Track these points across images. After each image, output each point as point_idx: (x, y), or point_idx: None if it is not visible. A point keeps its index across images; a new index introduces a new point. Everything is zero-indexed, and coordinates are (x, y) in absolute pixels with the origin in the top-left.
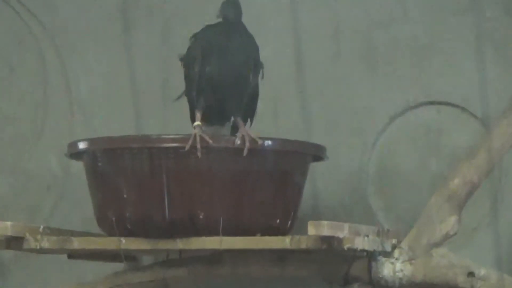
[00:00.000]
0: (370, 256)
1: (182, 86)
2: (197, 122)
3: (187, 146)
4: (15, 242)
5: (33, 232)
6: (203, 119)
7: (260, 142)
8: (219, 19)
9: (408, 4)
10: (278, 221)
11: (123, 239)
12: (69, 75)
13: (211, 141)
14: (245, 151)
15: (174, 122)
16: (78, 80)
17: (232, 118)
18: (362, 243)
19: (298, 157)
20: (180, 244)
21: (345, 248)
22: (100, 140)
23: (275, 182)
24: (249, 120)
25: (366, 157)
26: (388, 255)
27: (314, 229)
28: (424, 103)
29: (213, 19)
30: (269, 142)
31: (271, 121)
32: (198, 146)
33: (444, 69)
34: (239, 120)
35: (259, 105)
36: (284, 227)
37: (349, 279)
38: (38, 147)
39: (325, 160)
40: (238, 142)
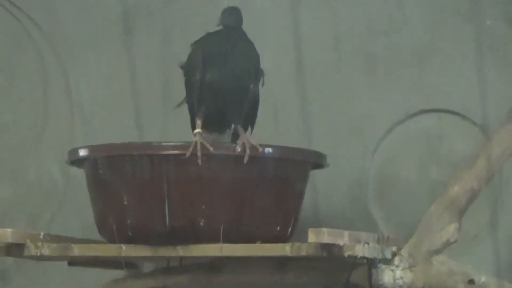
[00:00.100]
0: (370, 264)
1: (183, 92)
2: (198, 130)
3: (188, 154)
4: (16, 249)
5: (34, 239)
6: (204, 127)
7: (261, 150)
8: (220, 27)
9: (408, 12)
10: (279, 229)
11: (124, 246)
12: (69, 81)
13: (212, 149)
14: (246, 159)
15: (175, 128)
16: (78, 86)
17: (233, 126)
18: (362, 251)
19: (299, 165)
20: (181, 251)
21: (345, 256)
22: (101, 147)
23: (276, 190)
24: (250, 128)
25: (367, 165)
26: (388, 263)
27: (315, 237)
28: (424, 111)
29: (213, 25)
30: (270, 150)
31: (272, 129)
32: (199, 154)
33: (444, 77)
34: (240, 128)
35: (260, 113)
36: (285, 235)
37: (350, 287)
38: (38, 154)
39: (326, 168)
40: (239, 150)
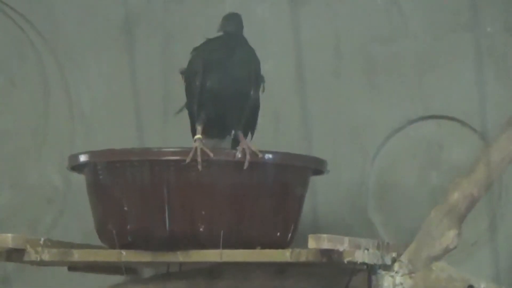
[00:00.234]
0: (370, 270)
1: (183, 97)
2: (198, 135)
3: (188, 159)
4: (16, 254)
5: (34, 244)
6: (204, 132)
7: (261, 156)
8: (220, 33)
9: (409, 20)
10: (278, 234)
11: (124, 252)
12: (71, 88)
13: (212, 154)
14: (246, 164)
15: (175, 135)
16: (79, 93)
17: (233, 132)
18: (362, 256)
19: (299, 171)
20: (181, 257)
21: (345, 261)
22: (101, 153)
23: (276, 195)
24: (250, 134)
25: (366, 171)
26: (388, 269)
27: (314, 242)
28: (424, 117)
29: (214, 29)
30: (270, 156)
31: (272, 136)
32: (199, 159)
33: (444, 84)
34: (240, 134)
35: (260, 119)
36: (284, 240)
37: None
38: (39, 160)
39: (326, 174)
40: (239, 155)
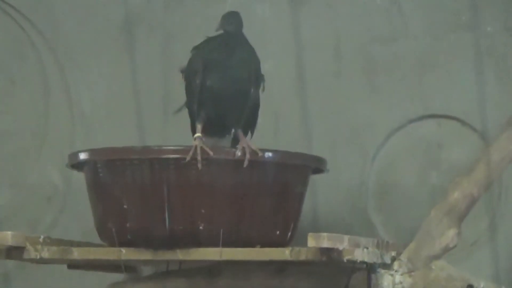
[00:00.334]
0: (370, 268)
1: (183, 97)
2: (198, 134)
3: (188, 158)
4: (16, 252)
5: (33, 242)
6: (204, 131)
7: (261, 154)
8: (220, 32)
9: (409, 20)
10: (278, 233)
11: (123, 250)
12: (71, 88)
13: (212, 153)
14: (246, 163)
15: (175, 135)
16: (80, 93)
17: (233, 130)
18: (362, 255)
19: (299, 169)
20: (180, 255)
21: (345, 260)
22: (101, 151)
23: (275, 194)
24: (250, 132)
25: (366, 170)
26: (388, 267)
27: (314, 241)
28: (424, 116)
29: (214, 29)
30: (270, 154)
31: (272, 136)
32: (199, 158)
33: (444, 84)
34: (240, 132)
35: (260, 119)
36: (284, 239)
37: None
38: (39, 160)
39: (326, 173)
40: (239, 154)
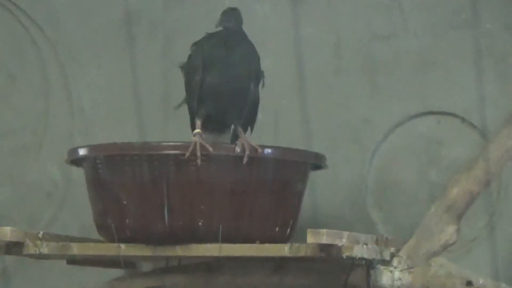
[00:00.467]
0: (369, 265)
1: (183, 94)
2: (197, 130)
3: (187, 154)
4: (15, 248)
5: (33, 238)
6: (204, 127)
7: (260, 150)
8: (220, 28)
9: (409, 18)
10: (277, 229)
11: (123, 245)
12: (71, 85)
13: (211, 149)
14: (245, 159)
15: (175, 133)
16: (80, 90)
17: (232, 126)
18: (361, 252)
19: (298, 166)
20: (180, 251)
21: (344, 256)
22: (100, 147)
23: (275, 190)
24: (249, 129)
25: (366, 167)
26: (387, 264)
27: (313, 237)
28: (424, 113)
29: (214, 28)
30: (269, 150)
31: (272, 133)
32: (198, 154)
33: (444, 82)
34: (239, 128)
35: (260, 117)
36: (283, 236)
37: None
38: (39, 157)
39: (325, 169)
40: (238, 150)
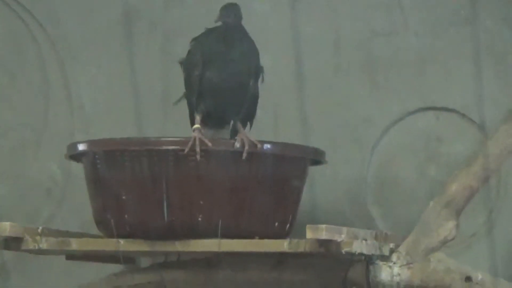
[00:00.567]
0: (368, 260)
1: (182, 90)
2: (197, 125)
3: (187, 149)
4: (14, 243)
5: (32, 233)
6: (203, 122)
7: (259, 146)
8: (219, 23)
9: (408, 15)
10: (277, 225)
11: (122, 241)
12: (70, 82)
13: (210, 144)
14: (244, 155)
15: (175, 130)
16: (79, 87)
17: (232, 122)
18: (360, 247)
19: (297, 161)
20: (179, 246)
21: (343, 252)
22: (100, 142)
23: (274, 186)
24: (249, 124)
25: (365, 164)
26: (386, 259)
27: (312, 233)
28: (423, 109)
29: (213, 25)
30: (268, 146)
31: (272, 130)
32: (197, 149)
33: (444, 79)
34: (239, 124)
35: (259, 114)
36: (283, 231)
37: (347, 283)
38: (39, 153)
39: (324, 164)
40: (238, 145)
